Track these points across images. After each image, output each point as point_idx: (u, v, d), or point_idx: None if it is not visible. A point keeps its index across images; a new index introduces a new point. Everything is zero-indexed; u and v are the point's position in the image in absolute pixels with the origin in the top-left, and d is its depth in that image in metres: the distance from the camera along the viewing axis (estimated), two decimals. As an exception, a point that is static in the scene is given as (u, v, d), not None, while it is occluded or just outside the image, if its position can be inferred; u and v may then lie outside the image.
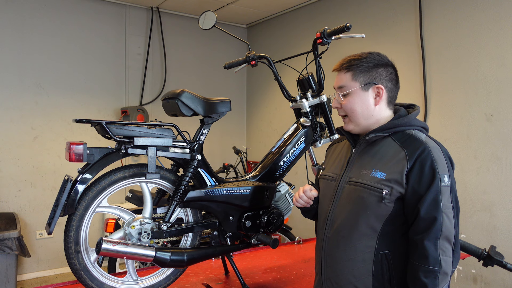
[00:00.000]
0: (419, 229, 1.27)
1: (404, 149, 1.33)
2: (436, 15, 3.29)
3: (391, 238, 1.34)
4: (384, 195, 1.30)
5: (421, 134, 1.37)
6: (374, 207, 1.32)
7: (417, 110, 1.46)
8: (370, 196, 1.33)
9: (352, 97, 1.41)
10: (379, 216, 1.33)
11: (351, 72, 1.40)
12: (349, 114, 1.44)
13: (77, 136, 4.26)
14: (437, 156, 1.29)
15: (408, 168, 1.29)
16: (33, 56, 4.09)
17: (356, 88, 1.40)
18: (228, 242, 1.87)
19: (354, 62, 1.41)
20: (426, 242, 1.25)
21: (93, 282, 1.59)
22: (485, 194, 2.97)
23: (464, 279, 3.09)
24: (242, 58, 2.10)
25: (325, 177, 1.55)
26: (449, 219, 1.26)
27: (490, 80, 2.95)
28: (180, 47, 4.98)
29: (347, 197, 1.41)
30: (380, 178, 1.32)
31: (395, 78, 1.44)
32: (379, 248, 1.33)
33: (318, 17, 4.41)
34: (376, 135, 1.39)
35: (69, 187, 1.49)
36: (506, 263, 2.00)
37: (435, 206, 1.25)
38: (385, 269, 1.33)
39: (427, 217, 1.25)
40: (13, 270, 3.32)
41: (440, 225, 1.24)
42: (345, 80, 1.42)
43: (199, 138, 1.77)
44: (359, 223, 1.35)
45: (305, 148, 2.07)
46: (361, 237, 1.35)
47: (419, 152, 1.29)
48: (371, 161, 1.38)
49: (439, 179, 1.26)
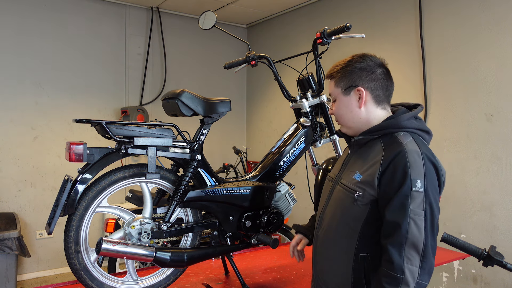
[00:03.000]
0: (385, 233, 1.25)
1: (383, 151, 1.31)
2: (436, 15, 3.29)
3: (371, 241, 1.32)
4: (357, 197, 1.31)
5: (407, 137, 1.31)
6: (349, 209, 1.34)
7: (414, 111, 1.41)
8: (346, 197, 1.36)
9: (337, 103, 1.45)
10: (355, 218, 1.33)
11: (334, 80, 1.44)
12: (338, 119, 1.48)
13: (77, 136, 4.25)
14: (412, 160, 1.23)
15: (381, 171, 1.27)
16: (33, 56, 4.09)
17: (338, 94, 1.43)
18: (228, 242, 1.87)
19: (335, 69, 1.44)
20: (389, 247, 1.21)
21: (93, 282, 1.59)
22: (485, 194, 2.97)
23: (464, 279, 3.09)
24: (242, 58, 2.10)
25: (328, 177, 1.59)
26: (417, 227, 1.20)
27: (490, 80, 2.95)
28: (180, 47, 4.98)
29: (334, 198, 1.45)
30: (356, 180, 1.33)
31: (381, 77, 1.39)
32: (359, 250, 1.33)
33: (318, 17, 4.41)
34: (364, 137, 1.39)
35: (69, 187, 1.49)
36: (506, 263, 2.00)
37: (401, 210, 1.21)
38: (365, 271, 1.33)
39: (392, 221, 1.22)
40: (13, 270, 3.32)
41: (405, 231, 1.19)
42: (331, 88, 1.47)
43: (199, 138, 1.77)
44: (339, 224, 1.38)
45: (305, 148, 2.07)
46: (341, 238, 1.37)
47: (394, 155, 1.26)
48: (358, 163, 1.39)
49: (410, 183, 1.21)
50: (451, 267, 3.17)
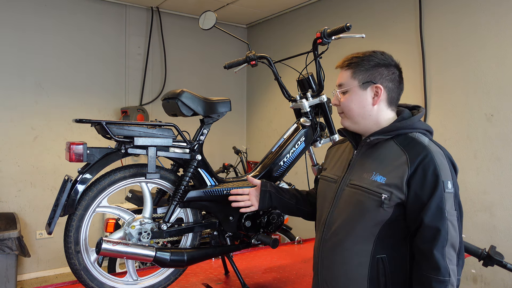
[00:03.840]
0: (425, 239, 1.23)
1: (405, 153, 1.29)
2: (436, 15, 3.29)
3: (389, 242, 1.31)
4: (383, 200, 1.27)
5: (424, 138, 1.34)
6: (372, 212, 1.29)
7: (421, 112, 1.42)
8: (369, 200, 1.30)
9: (350, 95, 1.39)
10: (378, 220, 1.30)
11: (351, 70, 1.38)
12: (345, 112, 1.42)
13: (77, 136, 4.26)
14: (440, 162, 1.25)
15: (410, 173, 1.25)
16: (33, 56, 4.09)
17: (354, 86, 1.38)
18: (228, 242, 1.87)
19: (355, 60, 1.39)
20: (435, 252, 1.21)
21: (93, 282, 1.59)
22: (485, 194, 2.97)
23: (464, 279, 3.09)
24: (242, 58, 2.10)
25: (326, 178, 1.54)
26: (453, 227, 1.22)
27: (490, 80, 2.95)
28: (180, 47, 4.98)
29: (347, 200, 1.39)
30: (380, 183, 1.29)
31: (397, 79, 1.40)
32: (376, 252, 1.31)
33: (318, 17, 4.41)
34: (378, 138, 1.36)
35: (69, 187, 1.49)
36: (506, 263, 2.00)
37: (439, 214, 1.22)
38: (381, 274, 1.31)
39: (432, 225, 1.22)
40: (13, 270, 3.32)
41: (446, 233, 1.21)
42: (345, 78, 1.40)
43: (199, 138, 1.77)
44: (357, 227, 1.33)
45: (305, 148, 2.07)
46: (358, 241, 1.33)
47: (421, 157, 1.25)
48: (372, 164, 1.35)
49: (442, 185, 1.22)
50: (451, 267, 3.17)
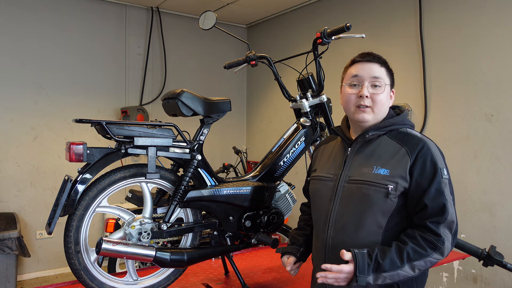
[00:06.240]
0: (426, 215, 1.32)
1: (403, 145, 1.39)
2: (436, 15, 3.29)
3: (394, 233, 1.37)
4: (390, 191, 1.34)
5: (414, 131, 1.46)
6: (380, 203, 1.35)
7: (405, 111, 1.54)
8: (376, 192, 1.36)
9: (385, 91, 1.45)
10: (385, 211, 1.36)
11: (384, 68, 1.47)
12: (376, 105, 1.44)
13: (77, 136, 4.26)
14: (434, 151, 1.37)
15: (411, 163, 1.35)
16: (33, 56, 4.09)
17: (387, 84, 1.46)
18: (228, 242, 1.87)
19: (382, 59, 1.48)
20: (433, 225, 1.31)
21: (93, 282, 1.59)
22: (485, 194, 2.97)
23: (464, 279, 3.09)
24: (242, 58, 2.10)
25: (320, 177, 1.54)
26: (452, 208, 1.33)
27: (490, 80, 2.95)
28: (180, 47, 4.98)
29: (350, 196, 1.42)
30: (384, 175, 1.36)
31: None
32: (384, 244, 1.35)
33: (318, 17, 4.41)
34: (374, 133, 1.44)
35: (69, 187, 1.49)
36: (506, 263, 2.00)
37: (440, 195, 1.32)
38: None
39: (433, 205, 1.31)
40: (13, 270, 3.32)
41: (446, 213, 1.31)
42: (381, 73, 1.46)
43: (199, 138, 1.77)
44: (366, 221, 1.37)
45: (305, 148, 2.07)
46: (368, 235, 1.37)
47: (419, 148, 1.36)
48: (370, 159, 1.41)
49: (440, 172, 1.34)
50: (451, 267, 3.17)
